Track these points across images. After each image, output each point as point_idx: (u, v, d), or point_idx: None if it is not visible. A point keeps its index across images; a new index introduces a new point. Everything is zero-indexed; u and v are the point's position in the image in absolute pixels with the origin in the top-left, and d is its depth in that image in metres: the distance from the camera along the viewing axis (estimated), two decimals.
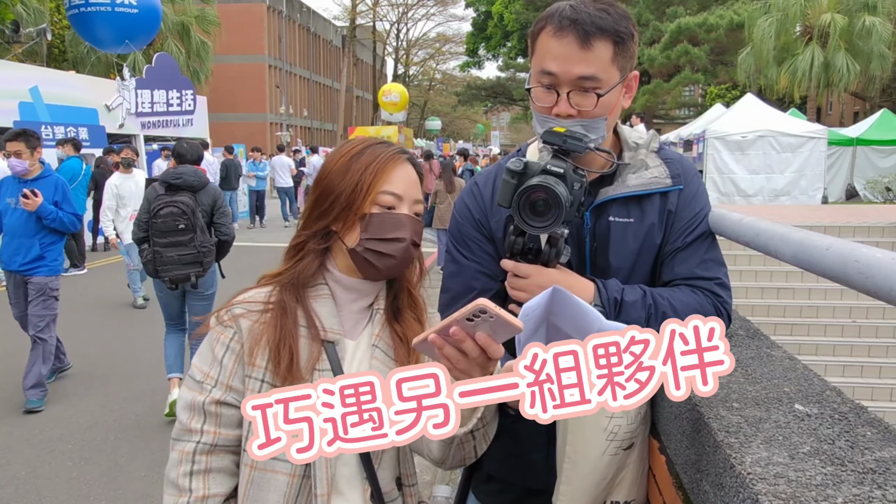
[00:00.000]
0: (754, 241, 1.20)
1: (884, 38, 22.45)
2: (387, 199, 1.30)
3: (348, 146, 1.38)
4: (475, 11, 51.61)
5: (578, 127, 1.38)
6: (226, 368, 1.28)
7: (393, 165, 1.33)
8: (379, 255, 1.30)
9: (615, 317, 1.37)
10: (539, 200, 1.30)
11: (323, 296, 1.33)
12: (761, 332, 1.54)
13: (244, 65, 39.49)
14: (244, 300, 1.33)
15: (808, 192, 17.44)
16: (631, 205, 1.48)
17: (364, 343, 1.37)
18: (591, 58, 1.36)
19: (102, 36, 16.73)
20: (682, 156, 1.64)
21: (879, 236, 10.78)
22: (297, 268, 1.33)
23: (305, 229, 1.35)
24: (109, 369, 6.22)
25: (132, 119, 16.81)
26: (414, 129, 56.92)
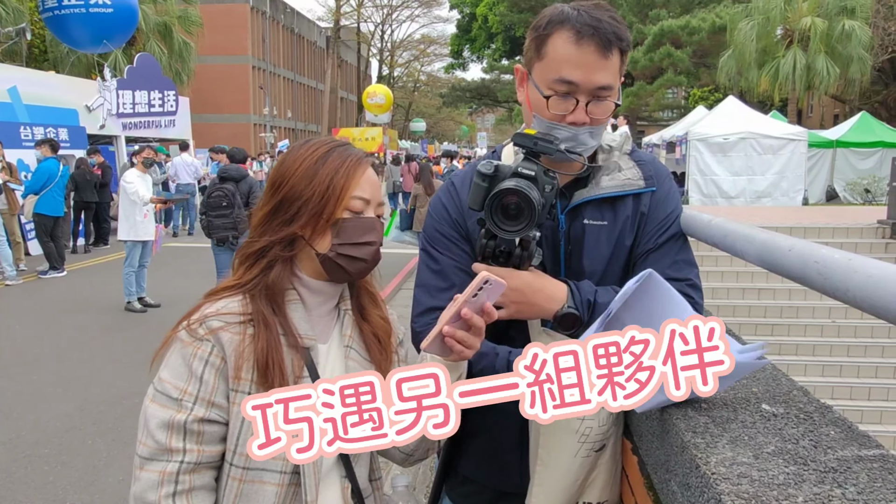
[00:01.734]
0: (722, 242, 1.21)
1: (862, 42, 22.76)
2: (357, 203, 1.29)
3: (308, 148, 1.34)
4: (460, 13, 51.72)
5: (586, 134, 1.40)
6: (206, 384, 1.23)
7: (361, 169, 1.32)
8: (351, 260, 1.29)
9: (588, 317, 1.37)
10: (511, 204, 1.29)
11: (293, 301, 1.31)
12: (732, 331, 1.55)
13: (227, 66, 39.24)
14: (218, 312, 1.27)
15: (789, 194, 17.63)
16: (604, 207, 1.48)
17: (336, 345, 1.36)
18: (609, 67, 1.36)
19: (79, 37, 16.59)
20: (655, 158, 1.65)
21: (858, 237, 10.92)
22: (269, 277, 1.29)
23: (268, 235, 1.30)
24: (89, 372, 6.15)
25: (113, 120, 16.66)
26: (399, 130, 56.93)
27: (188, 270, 11.08)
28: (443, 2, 57.12)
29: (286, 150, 1.37)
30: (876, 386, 8.97)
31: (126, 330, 7.48)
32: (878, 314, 0.75)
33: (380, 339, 1.40)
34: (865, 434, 1.01)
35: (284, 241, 1.29)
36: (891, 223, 10.88)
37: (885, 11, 26.23)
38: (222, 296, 1.30)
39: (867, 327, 9.40)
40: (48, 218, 10.77)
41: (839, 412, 1.11)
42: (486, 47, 49.28)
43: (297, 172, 1.30)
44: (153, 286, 8.94)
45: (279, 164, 1.35)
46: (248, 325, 1.26)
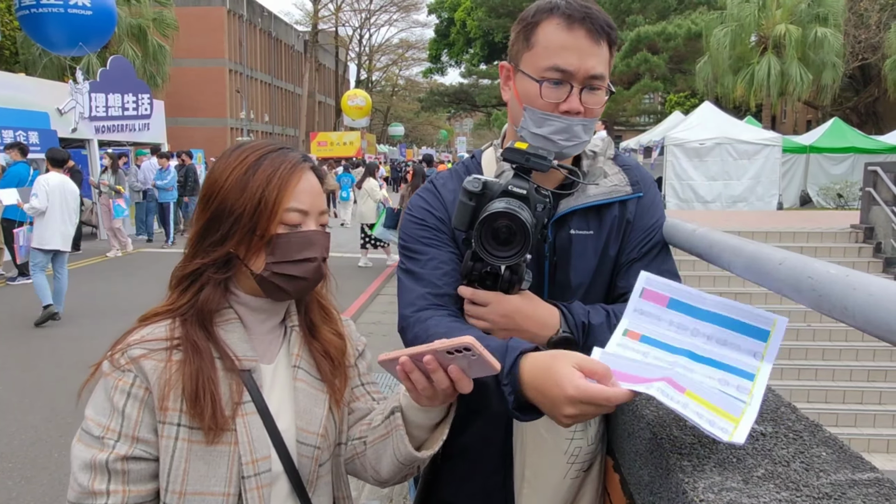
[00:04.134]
0: (707, 253, 1.16)
1: (835, 49, 23.12)
2: (293, 216, 1.18)
3: (239, 155, 1.21)
4: (438, 18, 51.78)
5: (580, 126, 1.33)
6: (129, 418, 1.12)
7: (297, 177, 1.19)
8: (288, 279, 1.18)
9: (583, 340, 1.30)
10: (502, 228, 1.20)
11: (230, 321, 1.21)
12: None
13: (204, 69, 38.84)
14: (141, 339, 1.15)
15: (764, 199, 17.86)
16: (590, 215, 1.42)
17: (283, 365, 1.26)
18: (600, 54, 1.31)
19: (54, 38, 16.25)
20: (639, 163, 1.59)
21: (832, 241, 11.06)
22: (199, 299, 1.18)
23: (200, 258, 1.18)
24: (56, 381, 5.99)
25: (86, 123, 16.35)
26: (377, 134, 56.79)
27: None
28: (421, 6, 57.12)
29: (219, 157, 1.24)
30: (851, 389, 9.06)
31: (95, 338, 7.29)
32: (881, 336, 0.70)
33: (332, 356, 1.30)
34: (858, 455, 0.96)
35: (218, 262, 1.18)
36: (864, 227, 11.04)
37: (856, 19, 26.71)
38: (151, 321, 1.19)
39: (840, 331, 9.50)
40: (17, 223, 10.51)
41: (828, 431, 1.07)
42: (465, 52, 49.35)
43: (227, 185, 1.18)
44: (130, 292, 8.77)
45: (208, 176, 1.22)
46: (174, 351, 1.15)
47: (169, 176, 15.10)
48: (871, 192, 10.97)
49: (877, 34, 26.61)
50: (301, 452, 1.22)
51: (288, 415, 1.23)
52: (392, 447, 1.21)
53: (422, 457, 1.19)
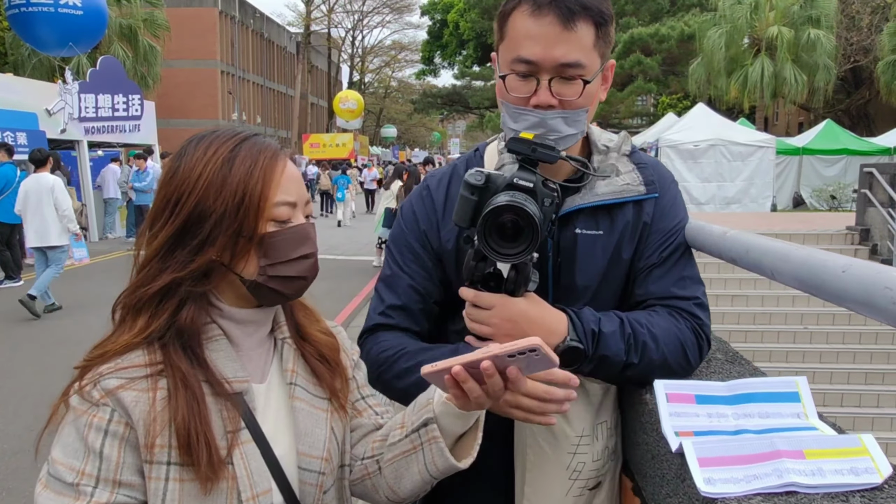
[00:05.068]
0: (742, 259, 1.05)
1: (827, 51, 23.18)
2: (283, 211, 1.05)
3: (207, 147, 1.05)
4: (431, 20, 51.66)
5: (558, 120, 1.23)
6: (108, 460, 0.96)
7: (280, 165, 1.06)
8: (286, 280, 1.06)
9: (593, 350, 1.22)
10: (508, 223, 1.11)
11: (215, 338, 1.06)
12: (741, 356, 1.41)
13: (196, 70, 38.65)
14: (116, 368, 0.99)
15: (758, 200, 17.86)
16: (600, 215, 1.32)
17: (276, 383, 1.13)
18: (573, 40, 1.20)
19: (44, 38, 16.05)
20: (658, 161, 1.48)
21: (828, 243, 11.02)
22: (179, 319, 1.02)
23: (173, 271, 1.01)
24: (41, 388, 5.83)
25: (75, 124, 16.15)
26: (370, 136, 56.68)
27: None
28: (414, 8, 57.05)
29: (175, 153, 1.07)
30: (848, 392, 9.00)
31: (83, 342, 7.09)
32: None
33: (327, 357, 1.17)
34: None
35: (196, 273, 1.02)
36: (859, 229, 11.01)
37: (847, 22, 26.81)
38: (112, 352, 1.02)
39: (838, 333, 9.46)
40: (5, 225, 10.35)
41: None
42: (458, 54, 49.26)
43: (200, 182, 1.02)
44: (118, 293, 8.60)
45: (170, 175, 1.04)
46: (157, 378, 1.00)
47: (147, 178, 14.80)
48: (867, 193, 10.93)
49: (868, 36, 26.73)
50: (304, 479, 1.09)
51: (285, 438, 1.10)
52: (423, 462, 1.09)
53: (463, 467, 1.08)
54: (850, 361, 9.31)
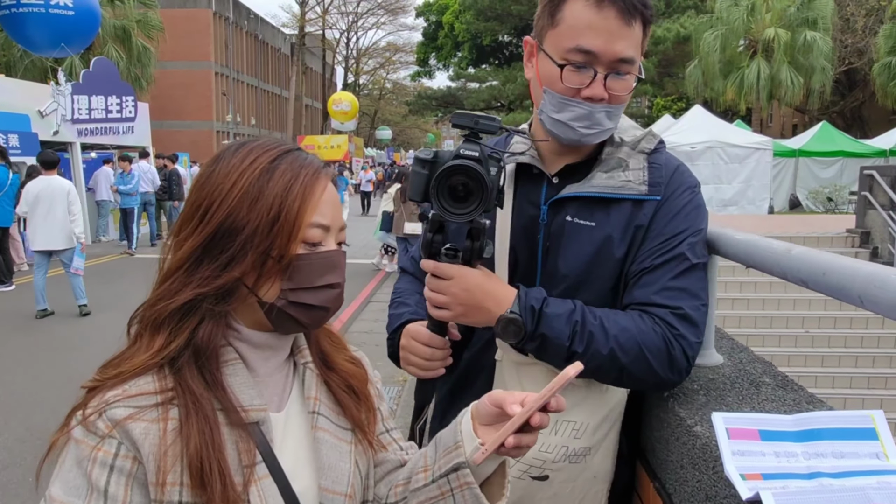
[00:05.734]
0: (818, 282, 0.93)
1: (824, 53, 23.19)
2: (315, 233, 0.96)
3: (246, 156, 0.97)
4: (426, 21, 51.65)
5: (602, 113, 1.25)
6: (114, 499, 0.86)
7: (320, 185, 0.98)
8: (306, 309, 0.96)
9: (534, 328, 1.23)
10: (459, 185, 1.16)
11: (232, 362, 0.96)
12: (792, 381, 1.30)
13: (189, 71, 38.43)
14: (124, 395, 0.89)
15: (756, 203, 17.84)
16: (596, 207, 1.30)
17: (296, 412, 1.03)
18: (631, 37, 1.22)
19: (36, 38, 15.85)
20: (681, 165, 1.38)
21: (828, 246, 10.97)
22: (197, 337, 0.93)
23: (196, 286, 0.92)
24: (34, 397, 5.69)
25: (68, 126, 16.00)
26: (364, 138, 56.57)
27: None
28: (409, 10, 57.06)
29: (212, 157, 1.01)
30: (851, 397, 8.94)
31: (77, 349, 7.00)
32: None
33: (355, 389, 1.08)
34: None
35: (221, 291, 0.94)
36: (860, 232, 10.95)
37: (843, 24, 26.86)
38: (128, 376, 0.92)
39: (840, 337, 9.40)
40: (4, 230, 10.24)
41: None
42: (453, 55, 49.20)
43: (234, 193, 0.93)
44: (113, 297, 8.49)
45: (203, 181, 0.97)
46: (169, 407, 0.90)
47: (133, 180, 14.47)
48: (868, 196, 10.88)
49: (863, 38, 26.78)
50: None
51: (306, 472, 1.00)
52: None
53: None
54: (853, 366, 9.25)
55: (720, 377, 1.36)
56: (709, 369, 1.41)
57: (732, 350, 1.55)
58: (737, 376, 1.36)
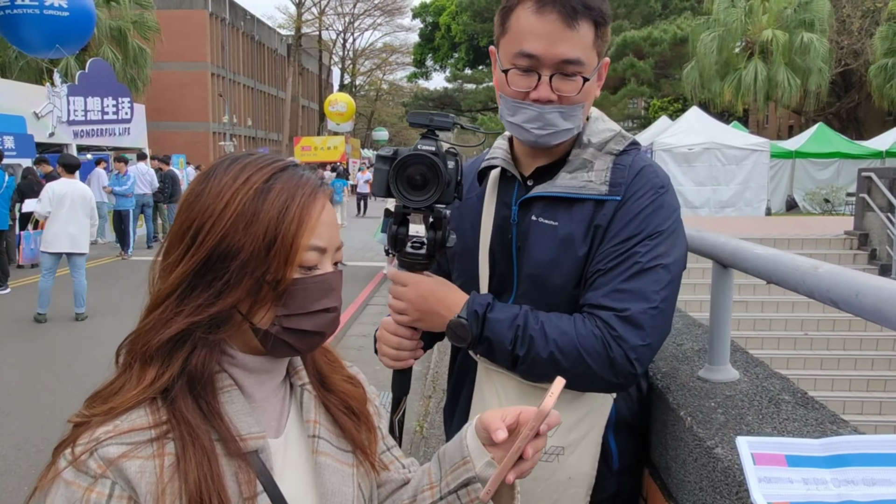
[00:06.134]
0: (850, 303, 0.90)
1: (821, 54, 23.22)
2: (312, 256, 0.91)
3: (238, 173, 0.90)
4: (422, 22, 51.59)
5: (555, 114, 1.29)
6: None
7: (318, 205, 0.93)
8: (302, 335, 0.92)
9: (479, 332, 1.29)
10: (416, 175, 1.24)
11: (227, 389, 0.91)
12: (813, 399, 1.26)
13: (186, 72, 38.33)
14: (116, 432, 0.83)
15: (753, 204, 17.83)
16: (560, 207, 1.34)
17: (295, 436, 0.99)
18: (575, 39, 1.25)
19: (30, 39, 15.78)
20: (648, 166, 1.35)
21: (827, 248, 10.96)
22: (190, 366, 0.88)
23: (190, 315, 0.87)
24: (29, 403, 5.63)
25: (64, 128, 15.94)
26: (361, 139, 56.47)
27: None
28: (405, 11, 57.04)
29: (202, 173, 0.95)
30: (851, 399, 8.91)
31: (72, 353, 6.94)
32: None
33: (354, 410, 1.04)
34: None
35: (213, 319, 0.88)
36: (858, 234, 10.94)
37: (839, 25, 26.91)
38: (120, 408, 0.86)
39: (839, 339, 9.38)
40: None
41: None
42: (449, 56, 49.16)
43: (227, 214, 0.88)
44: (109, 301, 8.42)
45: (192, 198, 0.91)
46: (164, 442, 0.84)
47: (129, 182, 14.19)
48: (866, 198, 10.87)
49: (859, 40, 26.83)
50: None
51: (309, 499, 0.96)
52: None
53: None
54: (852, 368, 9.23)
55: (737, 394, 1.33)
56: (725, 385, 1.38)
57: (748, 365, 1.52)
58: (755, 393, 1.33)
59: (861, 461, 0.95)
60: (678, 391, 1.38)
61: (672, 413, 1.31)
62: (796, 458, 0.97)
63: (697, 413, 1.25)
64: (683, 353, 1.66)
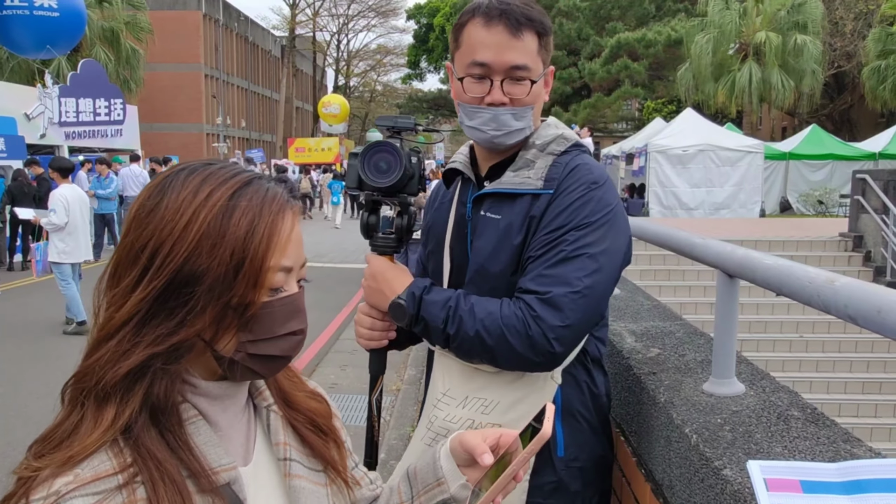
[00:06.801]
0: (872, 320, 0.85)
1: (814, 56, 23.27)
2: (279, 278, 0.84)
3: (197, 187, 0.82)
4: (416, 24, 51.57)
5: (508, 115, 1.41)
6: None
7: (289, 222, 0.86)
8: (267, 361, 0.86)
9: (415, 312, 1.41)
10: (381, 162, 1.43)
11: (192, 420, 0.84)
12: (823, 414, 1.21)
13: (179, 73, 38.21)
14: (79, 482, 0.74)
15: (747, 206, 17.83)
16: (504, 202, 1.45)
17: (265, 461, 0.93)
18: (520, 47, 1.39)
19: (20, 40, 15.68)
20: (583, 165, 1.44)
21: (822, 250, 10.96)
22: (152, 398, 0.80)
23: (147, 344, 0.78)
24: (16, 411, 5.55)
25: (55, 129, 15.83)
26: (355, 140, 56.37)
27: None
28: (399, 12, 56.95)
29: (154, 185, 0.85)
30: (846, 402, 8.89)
31: (62, 358, 6.85)
32: None
33: (322, 427, 0.99)
34: None
35: (175, 348, 0.80)
36: (853, 236, 10.94)
37: (831, 27, 26.99)
38: (81, 456, 0.76)
39: (835, 342, 9.36)
40: None
41: None
42: (444, 58, 49.15)
43: (190, 234, 0.79)
44: None
45: (145, 214, 0.81)
46: (134, 486, 0.76)
47: (112, 185, 13.92)
48: (860, 200, 10.87)
49: (851, 42, 26.92)
50: None
51: None
52: None
53: None
54: (847, 370, 9.21)
55: (744, 409, 1.27)
56: (731, 400, 1.32)
57: (753, 377, 1.47)
58: (762, 409, 1.27)
59: (880, 487, 0.90)
60: (682, 406, 1.33)
61: (677, 430, 1.26)
62: (812, 483, 0.92)
63: (703, 430, 1.20)
64: (686, 365, 1.61)
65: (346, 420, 6.36)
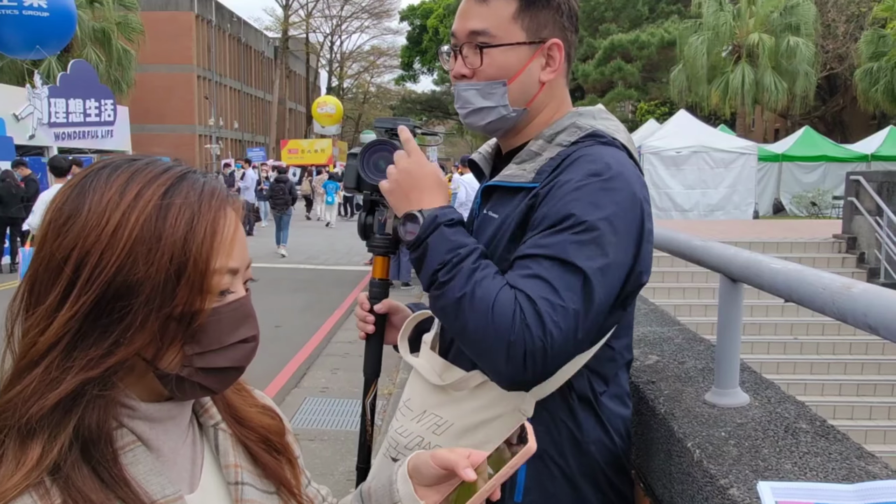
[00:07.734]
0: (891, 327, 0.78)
1: (807, 58, 23.34)
2: (225, 280, 0.76)
3: (126, 183, 0.73)
4: (410, 25, 51.51)
5: (471, 91, 1.28)
6: None
7: (231, 219, 0.77)
8: (217, 374, 0.77)
9: (425, 236, 1.21)
10: (381, 160, 1.37)
11: (129, 448, 0.74)
12: (834, 428, 1.14)
13: (171, 74, 38.05)
14: None
15: (741, 207, 17.85)
16: (504, 199, 1.32)
17: (214, 485, 0.84)
18: (485, 12, 1.25)
19: (9, 40, 15.52)
20: (588, 154, 1.21)
21: (815, 252, 10.93)
22: (83, 430, 0.70)
23: (87, 369, 0.69)
24: None
25: (44, 130, 15.69)
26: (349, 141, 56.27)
27: None
28: (393, 13, 56.82)
29: (70, 186, 0.75)
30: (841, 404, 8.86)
31: None
32: None
33: (275, 445, 0.91)
34: None
35: (112, 371, 0.71)
36: (846, 237, 10.92)
37: (824, 30, 27.08)
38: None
39: (829, 343, 9.33)
40: None
41: None
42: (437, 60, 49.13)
43: (120, 240, 0.70)
44: None
45: (63, 220, 0.72)
46: None
47: None
48: (854, 201, 10.85)
49: (844, 44, 27.01)
50: None
51: None
52: None
53: None
54: (842, 372, 9.18)
55: (749, 422, 1.21)
56: (735, 411, 1.26)
57: (758, 387, 1.40)
58: (769, 421, 1.20)
59: None
60: (683, 418, 1.26)
61: (678, 444, 1.19)
62: None
63: (707, 445, 1.13)
64: (686, 373, 1.54)
65: (337, 425, 6.22)
